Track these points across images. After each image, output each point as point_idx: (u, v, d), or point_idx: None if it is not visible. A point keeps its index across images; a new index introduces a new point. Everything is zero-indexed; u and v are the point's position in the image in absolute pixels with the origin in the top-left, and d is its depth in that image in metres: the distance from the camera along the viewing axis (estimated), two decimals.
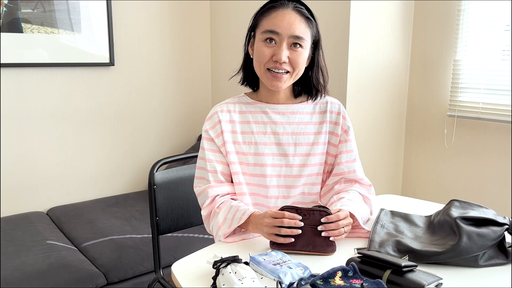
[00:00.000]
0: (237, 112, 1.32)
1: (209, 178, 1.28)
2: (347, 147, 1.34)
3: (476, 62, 2.30)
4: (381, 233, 1.17)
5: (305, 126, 1.32)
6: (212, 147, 1.29)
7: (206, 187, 1.27)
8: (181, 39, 3.07)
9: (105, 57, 2.74)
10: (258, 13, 1.27)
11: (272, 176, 1.29)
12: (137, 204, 2.70)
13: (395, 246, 1.08)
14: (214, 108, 1.33)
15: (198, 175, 1.32)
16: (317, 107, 1.35)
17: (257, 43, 1.25)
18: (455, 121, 2.41)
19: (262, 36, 1.22)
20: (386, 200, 1.51)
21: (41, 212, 2.63)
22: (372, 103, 2.45)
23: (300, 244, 1.09)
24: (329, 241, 1.09)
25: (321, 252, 1.08)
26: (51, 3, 2.52)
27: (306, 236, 1.09)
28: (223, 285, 0.90)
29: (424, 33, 2.50)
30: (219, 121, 1.29)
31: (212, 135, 1.29)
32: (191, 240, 2.21)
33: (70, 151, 2.73)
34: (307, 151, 1.31)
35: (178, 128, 3.16)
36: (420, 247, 1.06)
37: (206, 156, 1.29)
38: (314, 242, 1.08)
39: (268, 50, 1.22)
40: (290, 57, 1.22)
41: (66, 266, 1.94)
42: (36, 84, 2.57)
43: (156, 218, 1.60)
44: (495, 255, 1.03)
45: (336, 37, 2.31)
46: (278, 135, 1.30)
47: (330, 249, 1.09)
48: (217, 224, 1.21)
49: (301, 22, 1.22)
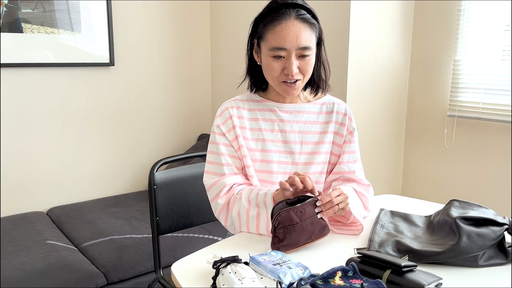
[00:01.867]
0: (246, 109, 1.34)
1: (224, 171, 1.28)
2: (350, 148, 1.36)
3: (476, 62, 2.30)
4: (381, 233, 1.17)
5: (312, 125, 1.34)
6: (225, 142, 1.30)
7: (221, 178, 1.28)
8: (181, 39, 3.07)
9: (105, 57, 2.74)
10: (260, 22, 1.26)
11: (278, 173, 1.31)
12: (137, 204, 2.70)
13: (395, 246, 1.08)
14: (224, 104, 1.35)
15: (209, 170, 1.31)
16: (323, 107, 1.37)
17: (265, 57, 1.25)
18: (455, 121, 2.41)
19: (270, 53, 1.23)
20: (386, 200, 1.51)
21: (41, 212, 2.63)
22: (372, 103, 2.45)
23: (303, 239, 1.10)
24: (323, 224, 1.12)
25: (320, 237, 1.12)
26: (51, 3, 2.52)
27: (307, 230, 1.10)
28: (223, 285, 0.90)
29: (424, 33, 2.50)
30: (230, 117, 1.31)
31: (224, 130, 1.31)
32: (191, 240, 2.21)
33: (70, 151, 2.73)
34: (312, 150, 1.33)
35: (178, 128, 3.16)
36: (420, 247, 1.06)
37: (220, 150, 1.30)
38: (313, 232, 1.11)
39: (278, 64, 1.23)
40: (300, 66, 1.24)
41: (66, 266, 1.94)
42: (36, 84, 2.57)
43: (156, 218, 1.60)
44: (495, 255, 1.03)
45: (336, 37, 2.31)
46: (285, 133, 1.33)
47: (326, 231, 1.13)
48: (244, 207, 1.22)
49: (305, 30, 1.22)
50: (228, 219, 1.28)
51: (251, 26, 1.31)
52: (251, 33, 1.31)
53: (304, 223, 1.10)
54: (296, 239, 1.09)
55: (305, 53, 1.23)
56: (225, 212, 1.28)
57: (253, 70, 1.35)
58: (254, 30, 1.29)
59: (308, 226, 1.10)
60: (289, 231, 1.09)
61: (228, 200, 1.26)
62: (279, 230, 1.09)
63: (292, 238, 1.09)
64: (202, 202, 1.70)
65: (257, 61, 1.31)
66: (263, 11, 1.27)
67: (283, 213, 1.09)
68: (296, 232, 1.09)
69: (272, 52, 1.22)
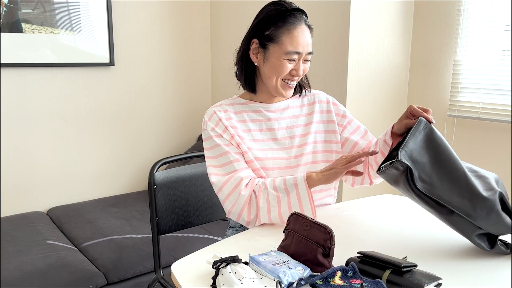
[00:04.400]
0: (233, 112, 1.36)
1: (234, 168, 1.28)
2: (352, 128, 1.42)
3: (476, 62, 2.30)
4: (418, 140, 1.08)
5: (297, 119, 1.40)
6: (224, 141, 1.31)
7: (234, 173, 1.27)
8: (181, 39, 3.07)
9: (105, 57, 2.74)
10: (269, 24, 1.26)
11: (273, 168, 1.33)
12: (137, 204, 2.70)
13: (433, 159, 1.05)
14: (211, 109, 1.36)
15: (218, 172, 1.29)
16: (305, 99, 1.44)
17: (275, 58, 1.27)
18: (455, 121, 2.41)
19: (285, 56, 1.26)
20: (385, 200, 1.51)
21: (41, 212, 2.63)
22: (372, 103, 2.45)
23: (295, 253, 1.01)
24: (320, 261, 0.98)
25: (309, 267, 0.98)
26: (51, 3, 2.52)
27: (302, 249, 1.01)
28: (223, 285, 0.90)
29: (424, 33, 2.50)
30: (220, 119, 1.32)
31: (219, 131, 1.31)
32: (191, 240, 2.21)
33: (70, 151, 2.73)
34: (300, 142, 1.38)
35: (178, 128, 3.16)
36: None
37: (223, 150, 1.29)
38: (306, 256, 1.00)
39: (290, 66, 1.28)
40: (303, 70, 1.31)
41: (66, 266, 1.94)
42: (36, 84, 2.57)
43: (156, 218, 1.60)
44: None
45: (336, 37, 2.31)
46: (274, 131, 1.36)
47: (316, 269, 0.97)
48: (273, 195, 1.23)
49: (311, 36, 1.30)
50: (252, 212, 1.26)
51: (254, 26, 1.31)
52: (255, 33, 1.30)
53: (303, 239, 1.01)
54: (290, 248, 1.03)
55: (309, 58, 1.31)
56: (249, 204, 1.26)
57: (249, 71, 1.35)
58: (259, 30, 1.29)
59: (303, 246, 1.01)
60: (290, 236, 1.06)
61: (251, 192, 1.25)
62: (286, 230, 1.08)
63: (289, 245, 1.04)
64: (202, 202, 1.70)
65: (255, 61, 1.32)
66: (271, 12, 1.27)
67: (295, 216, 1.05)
68: (293, 242, 1.03)
69: (288, 56, 1.26)
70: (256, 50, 1.31)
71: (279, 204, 1.23)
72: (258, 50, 1.30)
